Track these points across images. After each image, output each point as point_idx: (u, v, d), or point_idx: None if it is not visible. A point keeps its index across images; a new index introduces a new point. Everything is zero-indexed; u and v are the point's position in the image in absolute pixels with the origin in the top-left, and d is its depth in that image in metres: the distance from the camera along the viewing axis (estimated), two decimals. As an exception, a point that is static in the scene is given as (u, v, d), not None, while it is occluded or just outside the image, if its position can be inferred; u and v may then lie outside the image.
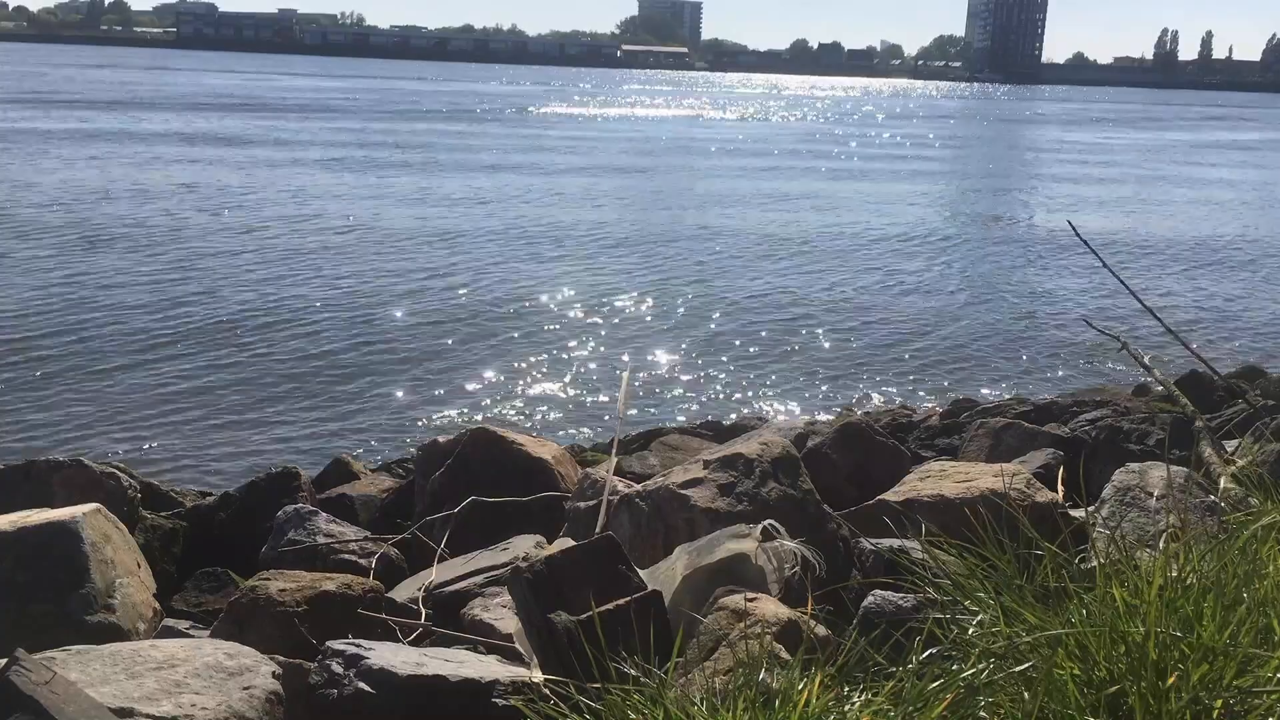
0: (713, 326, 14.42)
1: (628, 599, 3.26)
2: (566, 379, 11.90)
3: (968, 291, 17.55)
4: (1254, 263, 21.27)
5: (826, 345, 13.77)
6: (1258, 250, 22.85)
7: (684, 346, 13.38)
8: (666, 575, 3.76)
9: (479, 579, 4.42)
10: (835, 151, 46.02)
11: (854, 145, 50.19)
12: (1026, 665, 2.26)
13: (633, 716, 2.38)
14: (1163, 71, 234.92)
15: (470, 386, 11.54)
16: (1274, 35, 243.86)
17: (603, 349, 13.12)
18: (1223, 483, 3.89)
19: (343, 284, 15.84)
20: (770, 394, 11.76)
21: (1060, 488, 4.78)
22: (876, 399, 11.54)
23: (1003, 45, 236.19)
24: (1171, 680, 2.12)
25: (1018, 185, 36.15)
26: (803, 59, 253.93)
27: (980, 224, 25.77)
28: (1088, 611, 2.39)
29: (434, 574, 4.59)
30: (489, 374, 11.97)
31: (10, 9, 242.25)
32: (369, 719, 3.08)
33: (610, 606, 3.18)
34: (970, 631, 2.51)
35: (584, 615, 3.12)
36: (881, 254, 20.62)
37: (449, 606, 4.26)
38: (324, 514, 5.44)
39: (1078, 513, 4.28)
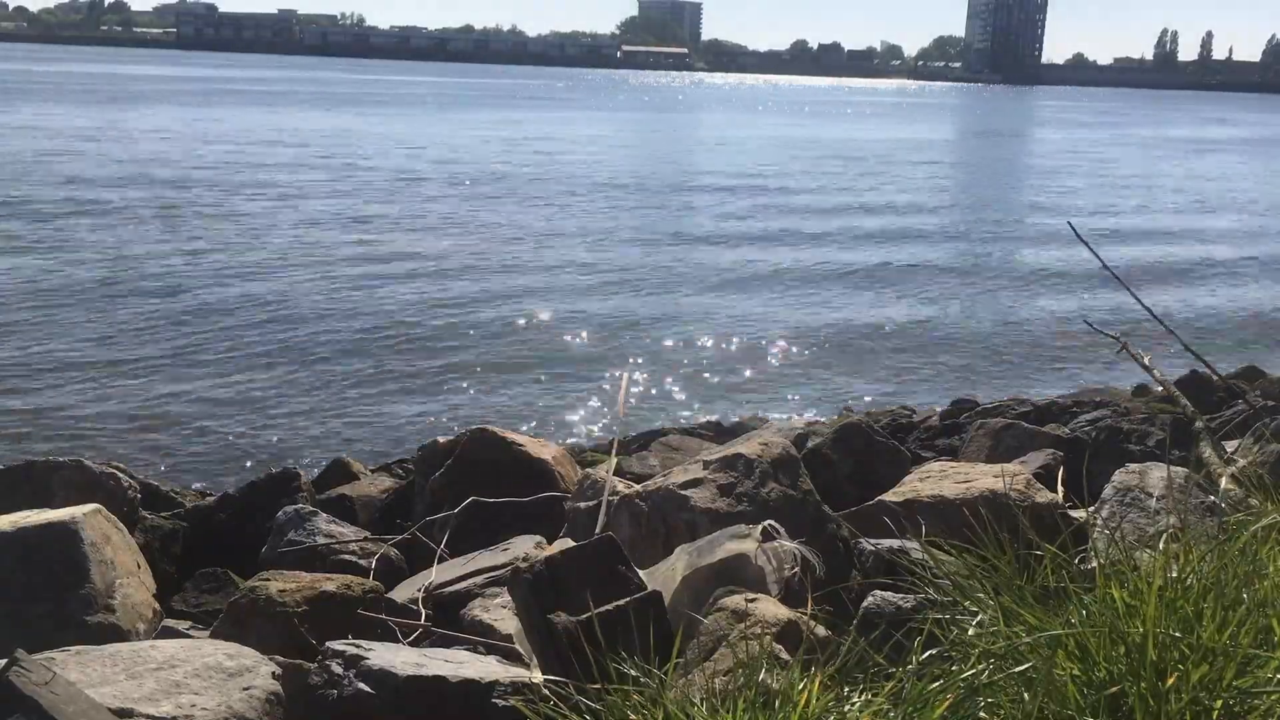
0: (713, 327, 14.41)
1: (628, 599, 3.26)
2: (566, 379, 11.90)
3: (967, 292, 17.56)
4: (1254, 262, 21.28)
5: (827, 345, 13.77)
6: (1257, 250, 22.85)
7: (683, 346, 13.38)
8: (666, 576, 3.76)
9: (479, 579, 4.42)
10: (834, 153, 46.00)
11: (852, 146, 50.17)
12: (1026, 666, 2.26)
13: (633, 717, 2.38)
14: (1162, 72, 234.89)
15: (470, 386, 11.54)
16: (1274, 36, 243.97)
17: (603, 349, 13.12)
18: (1223, 483, 3.89)
19: (342, 285, 15.83)
20: (770, 394, 11.76)
21: (1060, 488, 4.78)
22: (876, 399, 11.53)
23: (1002, 46, 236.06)
24: (1171, 681, 2.12)
25: (1016, 185, 36.15)
26: (802, 59, 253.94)
27: (979, 224, 25.76)
28: (1087, 612, 2.39)
29: (434, 574, 4.59)
30: (489, 374, 11.96)
31: (10, 9, 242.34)
32: (369, 720, 3.08)
33: (610, 607, 3.18)
34: (970, 632, 2.51)
35: (584, 616, 3.12)
36: (880, 255, 20.61)
37: (449, 607, 4.26)
38: (324, 514, 5.44)
39: (1078, 513, 4.28)
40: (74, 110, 47.03)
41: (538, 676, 3.13)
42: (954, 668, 2.37)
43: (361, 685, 3.09)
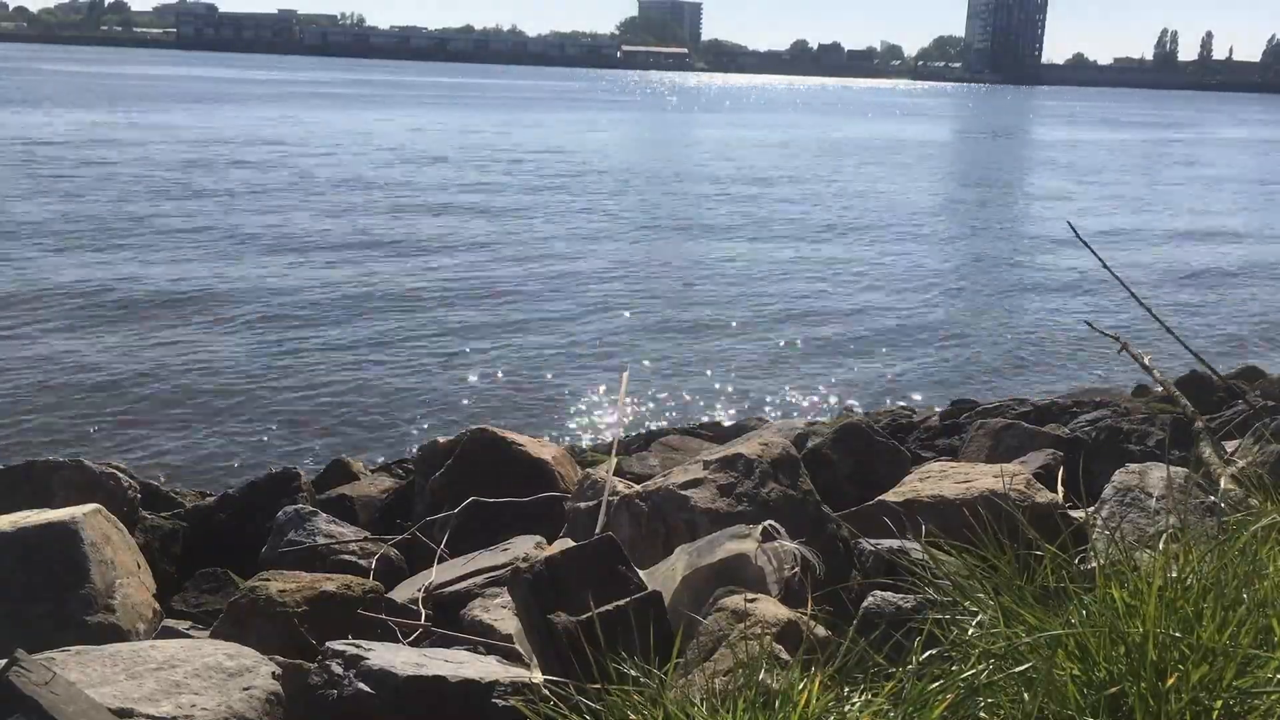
0: (713, 326, 14.41)
1: (628, 600, 3.26)
2: (566, 379, 11.90)
3: (967, 292, 17.56)
4: (1254, 263, 21.27)
5: (827, 345, 13.77)
6: (1258, 250, 22.85)
7: (684, 346, 13.38)
8: (666, 576, 3.76)
9: (479, 579, 4.42)
10: (833, 153, 46.00)
11: (852, 147, 50.17)
12: (1026, 666, 2.26)
13: (633, 717, 2.38)
14: (1162, 72, 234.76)
15: (470, 386, 11.54)
16: (1274, 36, 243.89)
17: (603, 349, 13.12)
18: (1222, 483, 3.89)
19: (342, 285, 15.84)
20: (770, 394, 11.76)
21: (1060, 488, 4.78)
22: (876, 399, 11.54)
23: (1002, 46, 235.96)
24: (1171, 681, 2.12)
25: (1016, 186, 36.15)
26: (803, 59, 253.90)
27: (979, 225, 25.77)
28: (1087, 612, 2.39)
29: (434, 574, 4.59)
30: (489, 374, 11.96)
31: (10, 9, 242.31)
32: (369, 720, 3.08)
33: (610, 607, 3.18)
34: (970, 632, 2.51)
35: (584, 616, 3.12)
36: (881, 255, 20.62)
37: (449, 607, 4.26)
38: (324, 514, 5.44)
39: (1077, 513, 4.28)
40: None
41: (538, 676, 3.13)
42: (954, 668, 2.37)
43: (361, 685, 3.09)
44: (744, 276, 17.83)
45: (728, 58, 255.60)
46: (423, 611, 4.17)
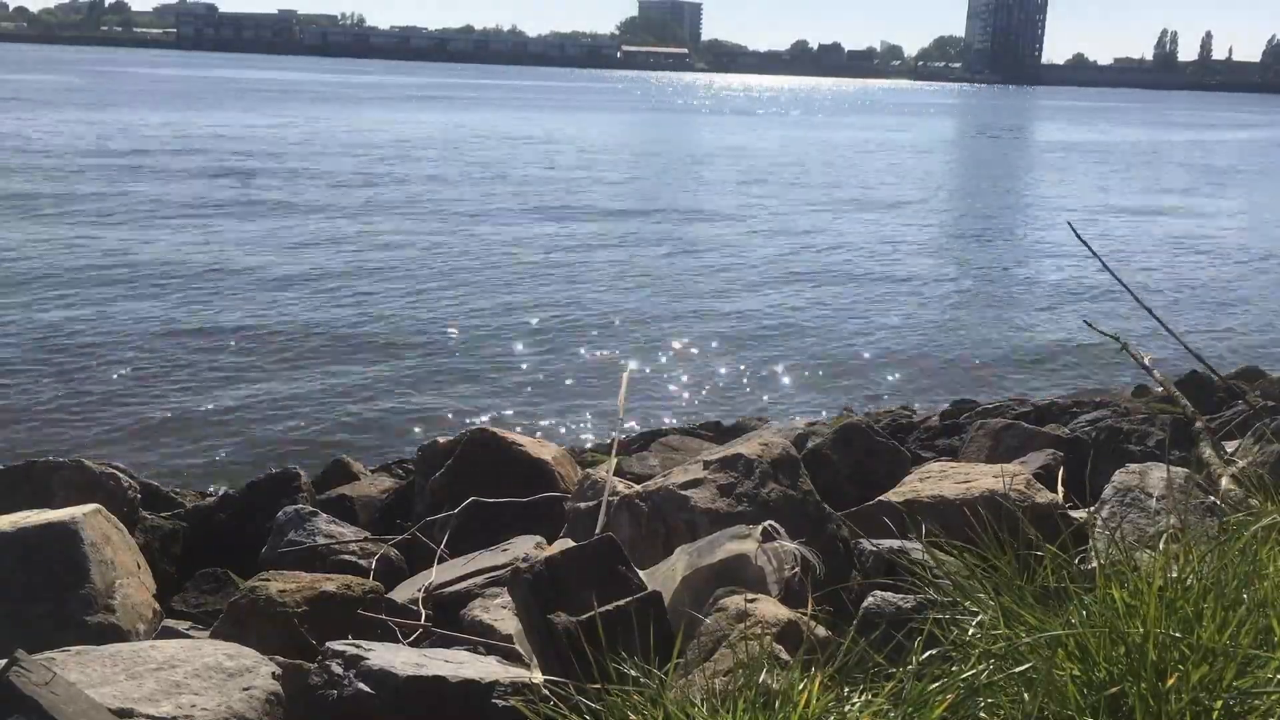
0: (713, 327, 14.41)
1: (628, 600, 3.26)
2: (566, 379, 11.90)
3: (967, 292, 17.56)
4: (1254, 263, 21.27)
5: (826, 346, 13.76)
6: (1258, 250, 22.84)
7: (684, 346, 13.38)
8: (666, 576, 3.76)
9: (479, 580, 4.42)
10: (833, 153, 46.00)
11: (851, 147, 50.17)
12: (1026, 666, 2.27)
13: (633, 717, 2.39)
14: (1162, 72, 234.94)
15: (470, 386, 11.53)
16: (1274, 36, 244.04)
17: (603, 349, 13.12)
18: (1223, 484, 3.89)
19: (342, 286, 15.84)
20: (770, 394, 11.76)
21: (1060, 488, 4.78)
22: (876, 399, 11.54)
23: (1002, 46, 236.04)
24: (1171, 681, 2.12)
25: (1016, 186, 36.15)
26: (803, 60, 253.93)
27: (979, 225, 25.77)
28: (1088, 612, 2.39)
29: (434, 574, 4.59)
30: (489, 374, 11.96)
31: (10, 9, 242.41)
32: (369, 720, 3.08)
33: (610, 607, 3.18)
34: (970, 632, 2.51)
35: (584, 616, 3.12)
36: (881, 255, 20.62)
37: (449, 607, 4.26)
38: (324, 515, 5.44)
39: (1078, 513, 4.28)
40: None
41: (538, 677, 3.13)
42: (954, 668, 2.37)
43: (361, 685, 3.09)
44: (745, 277, 17.82)
45: (728, 58, 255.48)
46: (423, 611, 4.17)
